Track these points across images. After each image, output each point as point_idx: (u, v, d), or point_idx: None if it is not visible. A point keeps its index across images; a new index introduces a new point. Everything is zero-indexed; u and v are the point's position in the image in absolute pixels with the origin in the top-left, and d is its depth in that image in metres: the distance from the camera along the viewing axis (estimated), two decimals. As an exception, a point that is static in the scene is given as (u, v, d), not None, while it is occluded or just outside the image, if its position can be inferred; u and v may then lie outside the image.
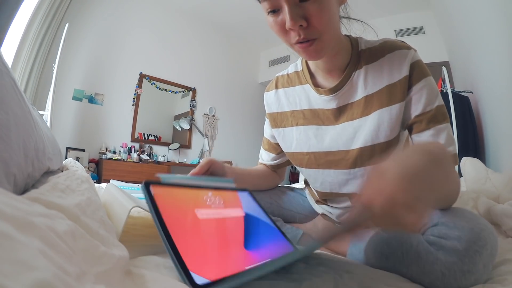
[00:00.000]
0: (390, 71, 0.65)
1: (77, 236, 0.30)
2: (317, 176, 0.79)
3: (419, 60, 0.64)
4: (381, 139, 0.66)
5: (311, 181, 0.83)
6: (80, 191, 0.51)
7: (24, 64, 2.79)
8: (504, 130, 1.86)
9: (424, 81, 0.63)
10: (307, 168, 0.79)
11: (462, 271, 0.45)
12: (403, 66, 0.63)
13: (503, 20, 1.63)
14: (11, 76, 0.48)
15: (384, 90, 0.65)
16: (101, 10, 3.82)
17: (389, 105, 0.65)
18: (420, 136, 0.63)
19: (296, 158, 0.81)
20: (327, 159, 0.74)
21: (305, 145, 0.77)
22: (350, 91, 0.69)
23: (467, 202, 0.94)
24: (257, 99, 5.76)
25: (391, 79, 0.64)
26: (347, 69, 0.69)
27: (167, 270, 0.44)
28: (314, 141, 0.75)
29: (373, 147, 0.67)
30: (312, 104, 0.76)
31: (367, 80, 0.68)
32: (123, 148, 3.93)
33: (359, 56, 0.69)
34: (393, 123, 0.65)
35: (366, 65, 0.68)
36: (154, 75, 4.37)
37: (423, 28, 3.96)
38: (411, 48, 0.65)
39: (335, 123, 0.73)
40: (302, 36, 0.55)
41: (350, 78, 0.69)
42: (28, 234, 0.20)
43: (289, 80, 0.81)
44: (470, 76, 2.68)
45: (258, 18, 4.69)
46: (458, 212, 0.53)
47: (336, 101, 0.71)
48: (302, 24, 0.54)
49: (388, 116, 0.65)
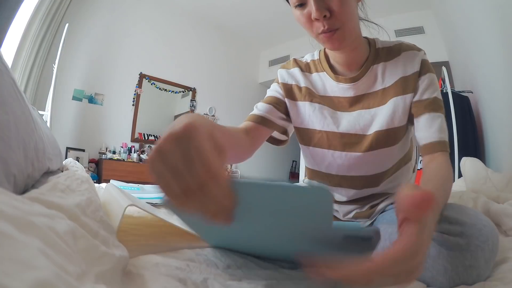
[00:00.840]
0: (405, 66, 0.72)
1: (77, 236, 0.30)
2: (325, 157, 0.79)
3: (427, 60, 0.73)
4: (395, 124, 0.72)
5: (316, 161, 0.82)
6: (80, 191, 0.51)
7: (24, 64, 2.79)
8: (504, 130, 1.86)
9: (428, 75, 0.71)
10: (315, 147, 0.79)
11: (464, 266, 0.46)
12: (415, 62, 0.71)
13: (502, 20, 1.63)
14: (11, 76, 0.48)
15: (399, 81, 0.72)
16: (101, 10, 3.82)
17: (404, 94, 0.71)
18: (418, 120, 0.69)
19: (305, 134, 0.80)
20: (342, 141, 0.76)
21: (318, 123, 0.78)
22: (369, 82, 0.75)
23: (467, 202, 0.94)
24: (257, 99, 5.72)
25: (405, 72, 0.72)
26: (366, 62, 0.75)
27: (167, 270, 0.44)
28: (330, 121, 0.77)
29: (388, 131, 0.72)
30: (327, 91, 0.78)
31: (384, 75, 0.74)
32: (123, 148, 3.93)
33: (377, 53, 0.76)
34: (405, 111, 0.71)
35: (384, 61, 0.74)
36: (154, 75, 4.37)
37: (423, 28, 3.96)
38: (421, 50, 0.74)
39: (348, 110, 0.76)
40: (326, 27, 0.62)
41: (369, 70, 0.74)
42: (28, 234, 0.20)
43: (307, 66, 0.83)
44: (470, 76, 2.68)
45: (258, 18, 4.70)
46: (460, 209, 0.54)
47: (354, 90, 0.75)
48: (326, 15, 0.61)
49: (402, 103, 0.71)
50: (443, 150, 0.65)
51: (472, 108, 2.55)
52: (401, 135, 0.74)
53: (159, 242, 0.62)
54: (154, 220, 0.79)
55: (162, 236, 0.67)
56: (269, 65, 5.78)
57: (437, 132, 0.66)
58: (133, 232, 0.67)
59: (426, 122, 0.68)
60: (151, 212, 0.62)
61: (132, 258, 0.49)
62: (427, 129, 0.67)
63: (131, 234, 0.64)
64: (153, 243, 0.61)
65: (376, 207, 0.81)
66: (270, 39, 5.43)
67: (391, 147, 0.73)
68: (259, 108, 0.81)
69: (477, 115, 2.53)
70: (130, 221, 0.75)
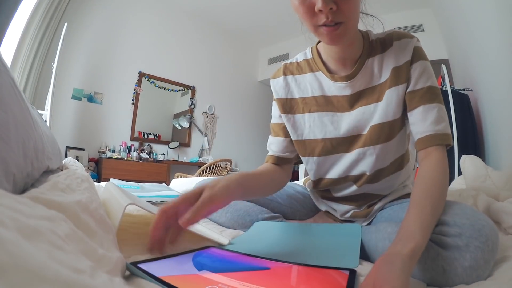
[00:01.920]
0: (397, 56, 0.70)
1: (77, 239, 0.30)
2: (329, 163, 0.79)
3: (420, 47, 0.71)
4: (389, 117, 0.70)
5: (322, 170, 0.81)
6: (80, 190, 0.51)
7: (23, 63, 2.78)
8: (504, 128, 1.86)
9: (420, 63, 0.68)
10: (319, 156, 0.78)
11: (463, 267, 0.45)
12: (407, 51, 0.69)
13: (502, 18, 1.63)
14: (10, 75, 0.47)
15: (392, 72, 0.70)
16: (100, 9, 3.81)
17: (396, 85, 0.69)
18: (412, 114, 0.68)
19: (307, 146, 0.79)
20: (345, 144, 0.76)
21: (320, 132, 0.77)
22: (365, 78, 0.73)
23: (467, 200, 0.94)
24: (256, 97, 5.76)
25: (397, 63, 0.70)
26: (361, 57, 0.72)
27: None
28: (331, 128, 0.76)
29: (383, 125, 0.71)
30: (325, 91, 0.76)
31: (380, 68, 0.72)
32: (123, 147, 3.93)
33: (371, 46, 0.73)
34: (399, 102, 0.69)
35: (379, 54, 0.72)
36: (153, 73, 4.37)
37: (422, 26, 3.96)
38: (414, 37, 0.71)
39: (349, 110, 0.74)
40: (330, 19, 0.58)
41: (364, 65, 0.72)
42: (34, 240, 0.20)
43: (299, 68, 0.80)
44: (470, 74, 2.68)
45: (258, 16, 4.69)
46: (459, 209, 0.53)
47: (351, 88, 0.73)
48: (332, 8, 0.56)
49: (395, 95, 0.69)
50: (438, 143, 0.63)
51: (472, 106, 2.55)
52: (397, 129, 0.72)
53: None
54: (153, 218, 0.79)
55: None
56: (268, 63, 5.78)
57: (432, 125, 0.64)
58: (133, 230, 0.67)
59: (420, 115, 0.65)
60: (151, 211, 0.62)
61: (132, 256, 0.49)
62: (422, 122, 0.65)
63: (131, 233, 0.65)
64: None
65: (373, 207, 0.81)
66: (270, 37, 5.42)
67: (387, 143, 0.72)
68: (272, 148, 0.84)
69: (477, 113, 2.53)
70: (130, 220, 0.75)
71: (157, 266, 0.43)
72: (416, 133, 0.66)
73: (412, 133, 0.69)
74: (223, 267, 0.47)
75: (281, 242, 0.68)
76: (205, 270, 0.43)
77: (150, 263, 0.44)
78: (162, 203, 1.05)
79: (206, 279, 0.40)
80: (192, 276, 0.41)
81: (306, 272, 0.47)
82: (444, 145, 0.63)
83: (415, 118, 0.67)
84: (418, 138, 0.65)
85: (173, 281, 0.38)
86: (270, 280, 0.43)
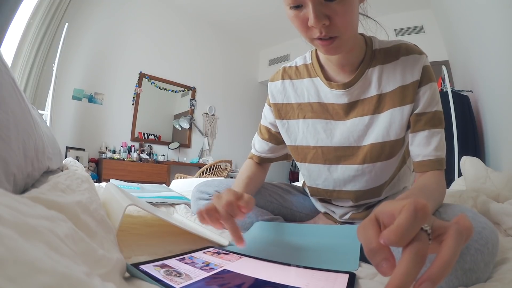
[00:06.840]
0: (404, 73, 0.67)
1: (77, 239, 0.30)
2: (321, 172, 0.78)
3: (429, 65, 0.68)
4: (391, 137, 0.69)
5: (313, 177, 0.81)
6: (80, 190, 0.51)
7: (24, 64, 2.78)
8: (504, 129, 1.86)
9: (430, 85, 0.66)
10: (310, 163, 0.78)
11: (463, 269, 0.45)
12: (416, 70, 0.66)
13: (502, 19, 1.63)
14: (10, 75, 0.48)
15: (397, 91, 0.68)
16: (100, 9, 3.81)
17: (401, 105, 0.67)
18: (415, 136, 0.67)
19: (300, 152, 0.80)
20: (336, 154, 0.75)
21: (312, 139, 0.77)
22: (363, 87, 0.71)
23: (467, 201, 0.94)
24: (257, 98, 5.76)
25: (404, 81, 0.67)
26: (361, 65, 0.70)
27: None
28: (323, 135, 0.75)
29: (383, 144, 0.70)
30: (321, 98, 0.75)
31: (381, 79, 0.69)
32: (123, 147, 3.93)
33: (373, 55, 0.71)
34: (403, 123, 0.68)
35: (380, 64, 0.70)
36: (153, 74, 4.37)
37: (422, 27, 3.96)
38: (423, 53, 0.68)
39: (344, 119, 0.73)
40: (323, 34, 0.57)
41: (363, 75, 0.70)
42: (32, 239, 0.20)
43: (298, 72, 0.80)
44: (470, 75, 2.68)
45: (258, 17, 4.69)
46: (459, 211, 0.53)
47: (348, 97, 0.72)
48: (325, 23, 0.55)
49: (399, 115, 0.68)
50: (438, 168, 0.64)
51: (472, 107, 2.54)
52: (397, 148, 0.71)
53: (159, 241, 0.62)
54: (154, 219, 0.79)
55: (162, 235, 0.67)
56: (269, 64, 5.78)
57: (434, 150, 0.64)
58: (133, 231, 0.67)
59: (425, 140, 0.65)
60: (151, 212, 0.62)
61: (132, 257, 0.49)
62: (424, 147, 0.65)
63: (131, 234, 0.65)
64: (153, 243, 0.61)
65: (372, 209, 0.81)
66: (270, 38, 5.42)
67: (387, 161, 0.72)
68: (256, 148, 0.91)
69: (477, 114, 2.53)
70: (130, 221, 0.75)
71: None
72: (417, 155, 0.66)
73: (411, 153, 0.68)
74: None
75: (281, 242, 0.68)
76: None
77: (150, 264, 0.44)
78: (162, 204, 1.04)
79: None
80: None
81: (306, 275, 0.47)
82: (442, 170, 0.65)
83: (418, 141, 0.66)
84: (418, 161, 0.66)
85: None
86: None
